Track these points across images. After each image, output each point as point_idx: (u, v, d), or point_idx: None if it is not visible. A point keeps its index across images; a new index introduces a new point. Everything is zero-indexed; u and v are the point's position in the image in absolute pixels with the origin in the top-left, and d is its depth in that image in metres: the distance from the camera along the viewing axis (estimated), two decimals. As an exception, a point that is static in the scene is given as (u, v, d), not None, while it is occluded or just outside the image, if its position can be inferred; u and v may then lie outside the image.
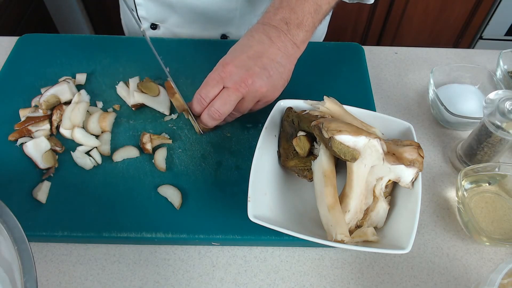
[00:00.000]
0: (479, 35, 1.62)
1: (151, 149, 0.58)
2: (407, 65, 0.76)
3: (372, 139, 0.48)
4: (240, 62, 0.52)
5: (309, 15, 0.53)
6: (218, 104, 0.53)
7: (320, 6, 0.54)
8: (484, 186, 0.59)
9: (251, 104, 0.55)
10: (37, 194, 0.54)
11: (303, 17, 0.53)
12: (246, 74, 0.52)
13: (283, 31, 0.53)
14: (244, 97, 0.53)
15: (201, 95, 0.53)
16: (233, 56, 0.53)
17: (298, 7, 0.53)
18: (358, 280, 0.53)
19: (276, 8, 0.54)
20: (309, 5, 0.53)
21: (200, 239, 0.53)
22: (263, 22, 0.54)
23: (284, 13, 0.53)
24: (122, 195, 0.55)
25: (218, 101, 0.53)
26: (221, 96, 0.53)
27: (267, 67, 0.53)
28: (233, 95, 0.52)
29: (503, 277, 0.42)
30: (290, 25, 0.53)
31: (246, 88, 0.52)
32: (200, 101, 0.53)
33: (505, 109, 0.52)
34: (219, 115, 0.53)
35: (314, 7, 0.53)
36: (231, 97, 0.52)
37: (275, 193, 0.53)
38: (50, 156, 0.57)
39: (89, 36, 0.74)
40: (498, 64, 0.69)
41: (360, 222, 0.51)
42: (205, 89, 0.53)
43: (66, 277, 0.52)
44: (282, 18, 0.53)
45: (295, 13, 0.53)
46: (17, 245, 0.38)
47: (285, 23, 0.53)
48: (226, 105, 0.53)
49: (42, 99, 0.60)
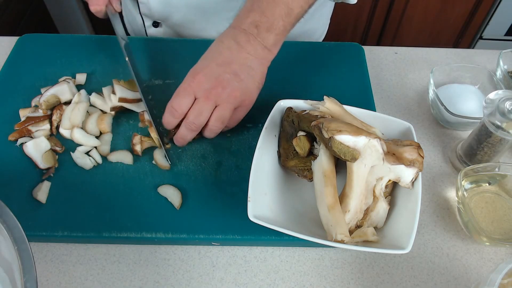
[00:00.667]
0: (479, 35, 1.62)
1: (140, 151, 0.58)
2: (407, 65, 0.76)
3: (372, 139, 0.48)
4: (210, 71, 0.52)
5: (280, 18, 0.53)
6: (192, 116, 0.53)
7: (292, 10, 0.53)
8: (484, 186, 0.59)
9: (227, 112, 0.54)
10: (37, 194, 0.54)
11: (274, 21, 0.53)
12: (216, 82, 0.52)
13: (252, 35, 0.53)
14: (218, 105, 0.53)
15: (174, 106, 0.53)
16: (203, 65, 0.53)
17: (268, 11, 0.52)
18: (358, 280, 0.53)
19: (247, 10, 0.54)
20: (280, 9, 0.52)
21: (200, 239, 0.53)
22: (234, 26, 0.54)
23: (255, 16, 0.53)
24: (122, 195, 0.55)
25: (192, 113, 0.53)
26: (194, 108, 0.53)
27: (237, 72, 0.53)
28: (205, 104, 0.52)
29: (503, 277, 0.42)
30: (260, 28, 0.53)
31: (216, 96, 0.52)
32: (172, 112, 0.53)
33: (505, 109, 0.52)
34: (195, 126, 0.53)
35: (286, 11, 0.53)
36: (203, 107, 0.52)
37: (275, 193, 0.53)
38: (50, 156, 0.57)
39: (89, 36, 0.74)
40: (498, 64, 0.69)
41: (360, 222, 0.51)
42: (176, 100, 0.53)
43: (66, 277, 0.52)
44: (253, 22, 0.53)
45: (266, 16, 0.52)
46: (17, 245, 0.38)
47: (255, 26, 0.53)
48: (200, 116, 0.53)
49: (42, 99, 0.60)
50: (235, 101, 0.53)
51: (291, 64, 0.70)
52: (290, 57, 0.71)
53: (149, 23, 0.79)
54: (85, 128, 0.60)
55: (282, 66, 0.70)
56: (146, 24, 0.79)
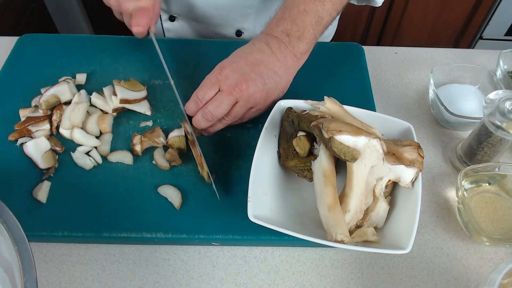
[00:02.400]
0: (479, 35, 1.62)
1: (140, 151, 0.58)
2: (407, 65, 0.76)
3: (372, 139, 0.48)
4: (237, 67, 0.53)
5: (310, 27, 0.54)
6: (212, 106, 0.53)
7: (321, 18, 0.54)
8: (484, 186, 0.59)
9: (243, 110, 0.55)
10: (37, 194, 0.54)
11: (304, 29, 0.54)
12: (241, 78, 0.52)
13: (284, 43, 0.54)
14: (237, 101, 0.53)
15: (198, 97, 0.53)
16: (231, 61, 0.54)
17: (299, 19, 0.53)
18: (358, 280, 0.53)
19: (278, 19, 0.55)
20: (310, 18, 0.53)
21: (200, 239, 0.53)
22: (266, 33, 0.55)
23: (286, 24, 0.54)
24: (122, 195, 0.55)
25: (212, 104, 0.53)
26: (215, 99, 0.53)
27: (263, 75, 0.53)
28: (227, 98, 0.53)
29: (503, 277, 0.42)
30: (292, 37, 0.54)
31: (239, 93, 0.52)
32: (197, 102, 0.54)
33: (505, 109, 0.52)
34: (211, 116, 0.53)
35: (316, 19, 0.54)
36: (224, 100, 0.53)
37: (275, 193, 0.53)
38: (50, 156, 0.57)
39: (89, 36, 0.74)
40: (498, 64, 0.69)
41: (360, 222, 0.51)
42: (202, 90, 0.53)
43: (66, 277, 0.52)
44: (284, 30, 0.54)
45: (297, 25, 0.53)
46: (17, 245, 0.38)
47: (287, 34, 0.54)
48: (219, 108, 0.53)
49: (42, 99, 0.60)
50: (253, 102, 0.54)
51: (291, 64, 0.70)
52: (290, 57, 0.71)
53: (165, 17, 0.80)
54: (85, 128, 0.60)
55: (282, 66, 0.70)
56: (162, 17, 0.80)
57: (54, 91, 0.61)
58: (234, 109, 0.54)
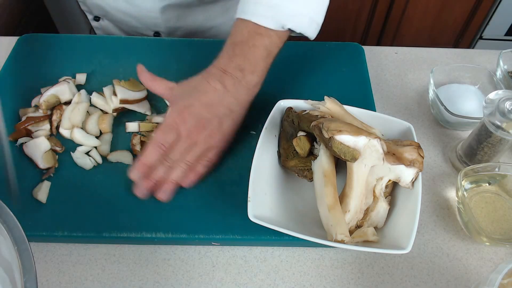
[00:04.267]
0: (479, 35, 1.62)
1: (140, 151, 0.58)
2: (407, 65, 0.76)
3: (372, 139, 0.48)
4: (194, 110, 0.54)
5: (261, 61, 0.56)
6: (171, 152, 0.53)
7: (270, 51, 0.56)
8: (484, 186, 0.59)
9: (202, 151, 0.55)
10: (37, 194, 0.54)
11: (256, 64, 0.55)
12: (200, 121, 0.53)
13: (238, 79, 0.55)
14: (196, 143, 0.54)
15: (160, 141, 0.53)
16: (188, 103, 0.54)
17: (250, 55, 0.55)
18: (358, 280, 0.53)
19: (230, 55, 0.56)
20: (260, 52, 0.55)
21: (200, 239, 0.53)
22: (219, 68, 0.56)
23: (238, 60, 0.55)
24: (122, 195, 0.55)
25: (171, 149, 0.53)
26: (175, 145, 0.53)
27: (220, 115, 0.55)
28: (185, 143, 0.53)
29: (503, 277, 0.42)
30: (245, 71, 0.55)
31: (197, 135, 0.53)
32: (160, 147, 0.53)
33: (505, 109, 0.52)
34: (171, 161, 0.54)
35: (266, 53, 0.56)
36: (183, 145, 0.53)
37: (275, 193, 0.53)
38: (50, 156, 0.57)
39: (89, 36, 0.74)
40: (498, 64, 0.69)
41: (360, 222, 0.51)
42: (163, 135, 0.54)
43: (66, 277, 0.52)
44: (237, 66, 0.55)
45: (249, 60, 0.55)
46: (17, 245, 0.38)
47: (240, 70, 0.55)
48: (177, 151, 0.53)
49: (42, 99, 0.60)
50: (212, 141, 0.55)
51: (291, 64, 0.70)
52: (290, 57, 0.71)
53: (91, 16, 0.85)
54: (85, 128, 0.60)
55: (282, 66, 0.70)
56: (88, 17, 0.86)
57: (54, 91, 0.61)
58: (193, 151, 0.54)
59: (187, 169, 0.55)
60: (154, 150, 0.53)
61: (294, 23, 0.55)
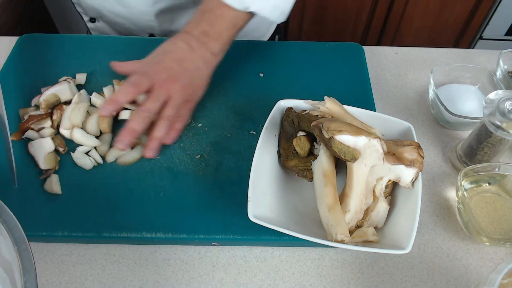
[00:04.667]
0: (479, 35, 1.62)
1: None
2: (407, 65, 0.76)
3: (372, 139, 0.48)
4: (165, 64, 0.57)
5: (226, 30, 0.60)
6: (149, 102, 0.55)
7: (236, 23, 0.60)
8: (484, 186, 0.59)
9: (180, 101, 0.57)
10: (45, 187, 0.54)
11: (221, 32, 0.60)
12: (171, 74, 0.56)
13: (202, 42, 0.59)
14: (170, 96, 0.56)
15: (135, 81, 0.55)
16: (158, 59, 0.58)
17: (216, 23, 0.59)
18: (358, 280, 0.53)
19: (197, 21, 0.60)
20: (226, 22, 0.59)
21: (200, 239, 0.53)
22: (186, 31, 0.60)
23: (205, 26, 0.59)
24: (122, 195, 0.55)
25: (149, 100, 0.55)
26: (151, 95, 0.55)
27: (189, 70, 0.58)
28: (161, 93, 0.55)
29: (503, 277, 0.42)
30: (209, 37, 0.59)
31: (171, 87, 0.55)
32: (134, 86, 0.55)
33: (505, 109, 0.52)
34: (150, 113, 0.55)
35: (231, 23, 0.60)
36: (159, 94, 0.55)
37: (275, 193, 0.53)
38: (52, 158, 0.57)
39: (89, 36, 0.74)
40: (498, 64, 0.69)
41: (360, 222, 0.51)
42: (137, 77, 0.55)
43: (66, 277, 0.52)
44: (203, 31, 0.59)
45: (214, 28, 0.59)
46: (17, 245, 0.38)
47: (205, 35, 0.59)
48: (156, 102, 0.55)
49: (42, 98, 0.60)
50: (186, 93, 0.57)
51: (291, 64, 0.70)
52: (290, 57, 0.71)
53: (86, 18, 0.86)
54: (85, 128, 0.60)
55: (282, 66, 0.70)
56: (84, 18, 0.87)
57: (54, 91, 0.61)
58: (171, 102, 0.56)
59: (168, 125, 0.56)
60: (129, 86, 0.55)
61: (257, 6, 0.59)
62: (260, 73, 0.69)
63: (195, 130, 0.62)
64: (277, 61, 0.71)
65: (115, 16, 0.81)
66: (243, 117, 0.63)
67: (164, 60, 0.57)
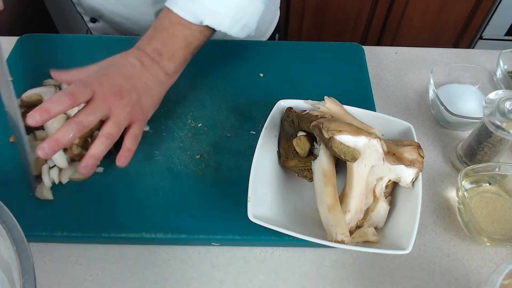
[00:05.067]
0: (479, 35, 1.62)
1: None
2: (407, 65, 0.76)
3: (372, 139, 0.48)
4: (112, 78, 0.52)
5: (180, 50, 0.56)
6: (83, 114, 0.48)
7: (191, 43, 0.57)
8: (484, 186, 0.59)
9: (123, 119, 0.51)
10: (37, 194, 0.54)
11: (174, 51, 0.56)
12: (116, 89, 0.51)
13: (155, 61, 0.55)
14: (112, 113, 0.50)
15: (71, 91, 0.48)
16: (105, 72, 0.52)
17: (169, 41, 0.56)
18: (359, 281, 0.53)
19: (150, 38, 0.56)
20: (179, 41, 0.56)
21: (200, 239, 0.52)
22: (138, 48, 0.56)
23: (157, 44, 0.55)
24: (122, 195, 0.55)
25: (84, 111, 0.48)
26: (87, 107, 0.49)
27: (138, 88, 0.54)
28: (100, 106, 0.49)
29: (504, 278, 0.42)
30: (163, 56, 0.55)
31: (114, 102, 0.50)
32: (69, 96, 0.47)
33: (505, 109, 0.52)
34: (82, 126, 0.48)
35: (185, 43, 0.56)
36: (98, 107, 0.49)
37: (275, 193, 0.53)
38: (40, 165, 0.55)
39: (89, 36, 0.74)
40: (498, 64, 0.69)
41: (360, 222, 0.51)
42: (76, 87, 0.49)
43: (65, 278, 0.52)
44: (155, 49, 0.55)
45: (167, 46, 0.56)
46: (16, 246, 0.38)
47: (158, 53, 0.55)
48: (93, 115, 0.49)
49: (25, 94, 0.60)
50: (130, 112, 0.52)
51: (291, 64, 0.70)
52: (290, 57, 0.71)
53: (87, 18, 0.85)
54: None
55: (282, 66, 0.70)
56: (85, 18, 0.85)
57: (39, 91, 0.61)
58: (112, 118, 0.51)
59: (108, 144, 0.50)
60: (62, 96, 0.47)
61: (213, 20, 0.55)
62: (260, 73, 0.69)
63: (195, 130, 0.62)
64: (277, 61, 0.71)
65: (115, 16, 0.80)
66: (243, 117, 0.63)
67: (111, 73, 0.52)
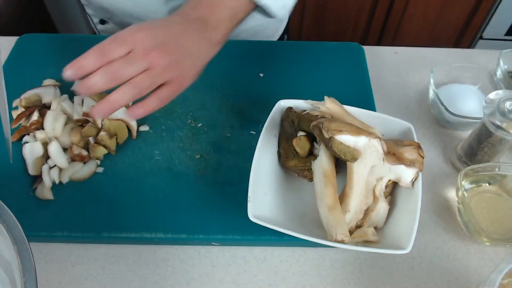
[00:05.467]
0: (479, 35, 1.62)
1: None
2: (407, 65, 0.76)
3: (372, 139, 0.48)
4: (156, 33, 0.46)
5: (226, 21, 0.52)
6: (118, 63, 0.44)
7: (236, 13, 0.53)
8: (484, 186, 0.59)
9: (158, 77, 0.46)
10: (37, 193, 0.54)
11: (220, 21, 0.52)
12: (159, 45, 0.46)
13: (201, 29, 0.51)
14: (150, 69, 0.45)
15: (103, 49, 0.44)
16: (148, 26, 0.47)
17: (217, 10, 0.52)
18: (358, 281, 0.53)
19: (195, 4, 0.51)
20: (227, 11, 0.52)
21: (200, 239, 0.53)
22: (182, 15, 0.51)
23: (204, 12, 0.51)
24: (122, 195, 0.55)
25: (120, 61, 0.44)
26: (125, 58, 0.44)
27: (181, 50, 0.48)
28: (139, 59, 0.45)
29: (503, 277, 0.42)
30: (209, 25, 0.51)
31: (154, 59, 0.45)
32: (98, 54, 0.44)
33: (505, 109, 0.52)
34: (116, 76, 0.44)
35: (232, 13, 0.53)
36: (135, 60, 0.44)
37: (275, 193, 0.53)
38: (39, 165, 0.56)
39: (89, 36, 0.74)
40: (498, 64, 0.69)
41: (360, 222, 0.51)
42: (110, 44, 0.44)
43: (66, 277, 0.52)
44: (201, 16, 0.51)
45: (214, 15, 0.51)
46: (16, 245, 0.38)
47: (204, 21, 0.51)
48: (128, 67, 0.44)
49: (24, 95, 0.60)
50: (169, 73, 0.47)
51: (291, 64, 0.70)
52: (290, 57, 0.71)
53: (96, 20, 0.83)
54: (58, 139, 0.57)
55: (282, 66, 0.70)
56: (94, 20, 0.83)
57: (38, 91, 0.61)
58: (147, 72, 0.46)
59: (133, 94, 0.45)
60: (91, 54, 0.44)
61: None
62: (260, 73, 0.69)
63: (195, 130, 0.62)
64: (277, 61, 0.71)
65: (126, 16, 0.78)
66: (243, 117, 0.63)
67: (157, 29, 0.47)
